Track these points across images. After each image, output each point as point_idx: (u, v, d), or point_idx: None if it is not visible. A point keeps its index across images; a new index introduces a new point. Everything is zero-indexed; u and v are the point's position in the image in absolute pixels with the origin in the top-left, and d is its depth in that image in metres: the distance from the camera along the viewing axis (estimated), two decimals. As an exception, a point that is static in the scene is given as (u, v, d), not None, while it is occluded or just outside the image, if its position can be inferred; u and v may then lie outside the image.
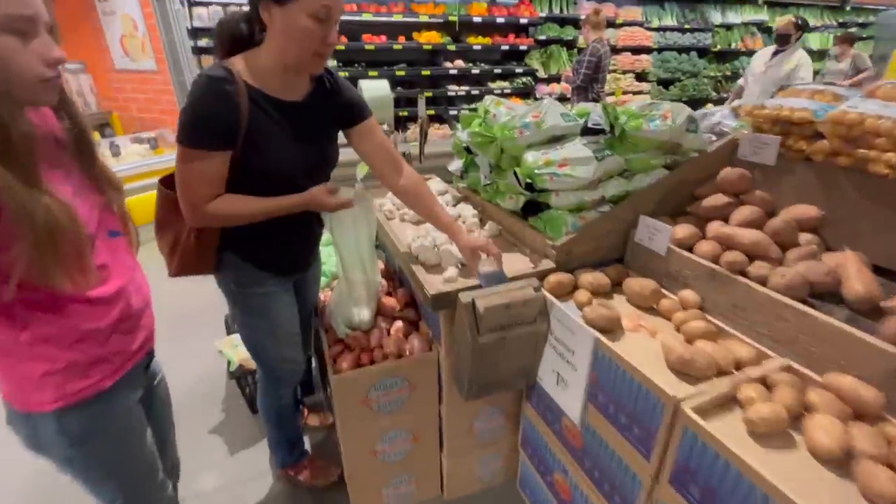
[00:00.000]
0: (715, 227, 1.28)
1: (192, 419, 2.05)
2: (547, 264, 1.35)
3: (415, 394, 1.46)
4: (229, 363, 1.99)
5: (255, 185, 1.17)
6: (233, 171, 1.14)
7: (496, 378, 1.32)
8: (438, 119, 5.47)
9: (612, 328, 1.14)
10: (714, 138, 1.68)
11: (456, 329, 1.27)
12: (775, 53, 4.13)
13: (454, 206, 1.87)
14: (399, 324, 1.51)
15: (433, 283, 1.27)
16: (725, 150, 1.46)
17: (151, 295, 1.04)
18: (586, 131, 1.44)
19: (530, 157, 1.42)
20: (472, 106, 5.69)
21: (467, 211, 1.73)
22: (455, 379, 1.39)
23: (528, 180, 1.40)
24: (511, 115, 1.52)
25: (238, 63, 1.10)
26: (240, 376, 1.99)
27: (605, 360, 1.09)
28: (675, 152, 1.47)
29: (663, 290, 1.27)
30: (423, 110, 2.11)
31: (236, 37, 1.14)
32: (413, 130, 5.37)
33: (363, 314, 1.47)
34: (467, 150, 1.73)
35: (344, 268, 1.45)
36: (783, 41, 4.07)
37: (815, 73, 7.88)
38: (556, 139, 1.50)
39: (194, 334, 2.53)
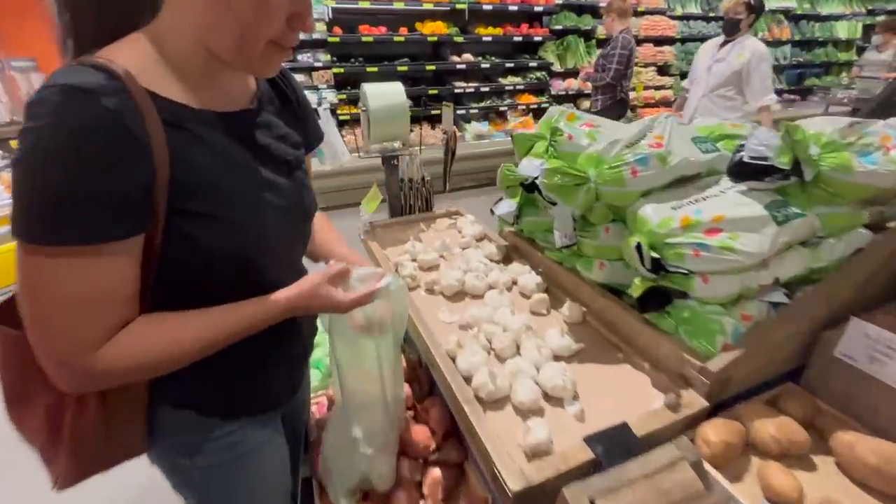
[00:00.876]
0: None
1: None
2: (690, 398, 0.80)
3: None
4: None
5: (200, 284, 0.64)
6: (151, 268, 0.59)
7: None
8: (444, 120, 4.91)
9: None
10: None
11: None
12: (723, 45, 3.22)
13: (500, 262, 1.31)
14: (436, 473, 0.96)
15: (511, 463, 0.70)
16: (962, 198, 0.91)
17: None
18: (740, 169, 0.88)
19: (652, 213, 0.86)
20: (483, 105, 5.12)
21: (527, 278, 1.16)
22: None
23: (654, 254, 0.84)
24: (608, 141, 0.95)
25: (124, 56, 0.55)
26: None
27: None
28: (884, 202, 0.91)
29: (922, 465, 0.72)
30: (449, 122, 1.54)
31: None
32: (416, 133, 4.80)
33: (379, 468, 0.91)
34: (527, 186, 1.16)
35: (346, 391, 0.89)
36: (732, 28, 3.12)
37: (849, 63, 7.40)
38: (685, 180, 0.94)
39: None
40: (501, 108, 5.25)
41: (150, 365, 0.61)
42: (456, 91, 4.91)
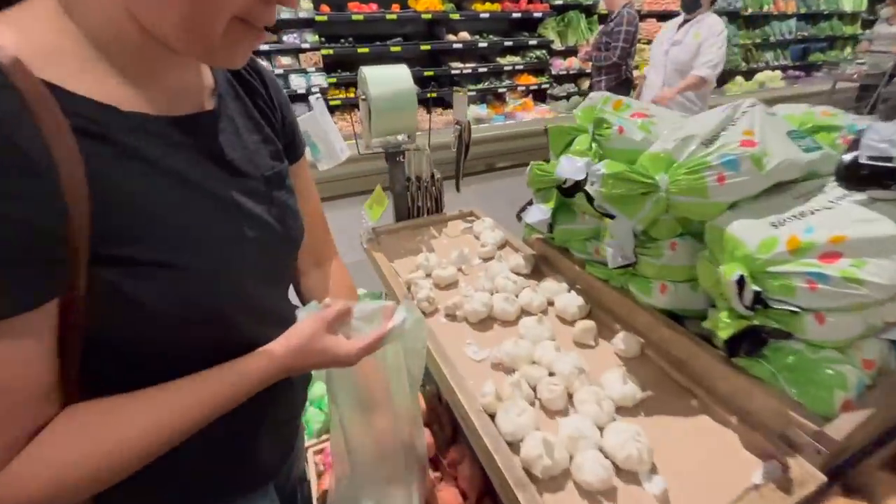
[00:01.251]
0: None
1: None
2: (801, 471, 0.62)
3: None
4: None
5: (146, 358, 0.47)
6: (74, 345, 0.41)
7: None
8: (441, 102, 4.66)
9: None
10: None
11: None
12: (682, 25, 2.92)
13: (528, 275, 1.13)
14: (471, 552, 0.78)
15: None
16: None
17: None
18: (854, 173, 0.69)
19: (745, 231, 0.68)
20: (480, 86, 4.86)
21: (565, 299, 0.98)
22: None
23: (755, 288, 0.65)
24: (678, 137, 0.76)
25: (14, 31, 0.37)
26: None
27: None
28: None
29: None
30: (463, 112, 1.33)
31: None
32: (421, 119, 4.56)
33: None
34: (566, 190, 0.96)
35: (352, 454, 0.71)
36: (691, 5, 2.83)
37: (854, 37, 7.15)
38: (780, 186, 0.75)
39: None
40: (500, 90, 5.01)
41: (82, 483, 0.41)
42: (452, 72, 4.65)
